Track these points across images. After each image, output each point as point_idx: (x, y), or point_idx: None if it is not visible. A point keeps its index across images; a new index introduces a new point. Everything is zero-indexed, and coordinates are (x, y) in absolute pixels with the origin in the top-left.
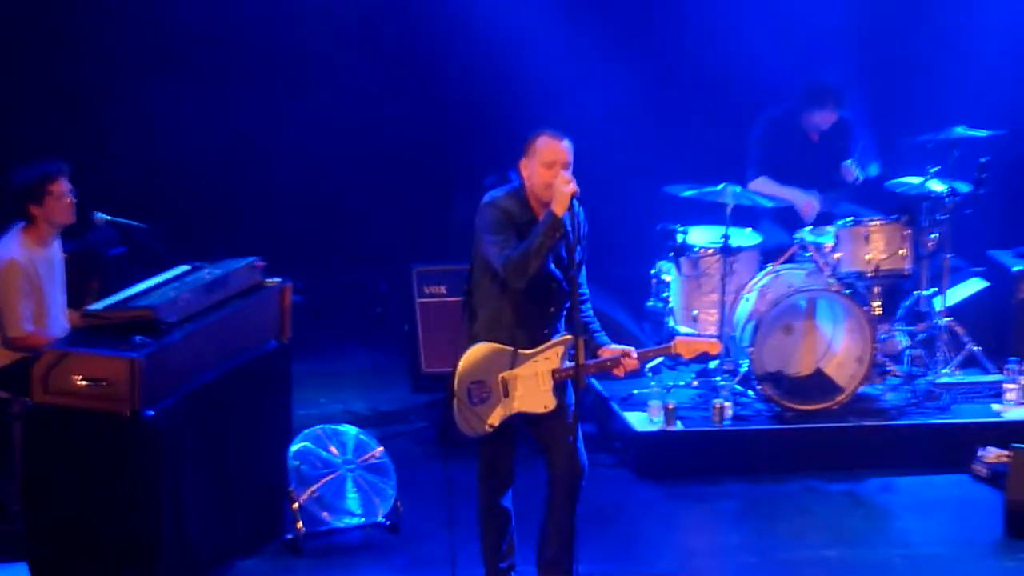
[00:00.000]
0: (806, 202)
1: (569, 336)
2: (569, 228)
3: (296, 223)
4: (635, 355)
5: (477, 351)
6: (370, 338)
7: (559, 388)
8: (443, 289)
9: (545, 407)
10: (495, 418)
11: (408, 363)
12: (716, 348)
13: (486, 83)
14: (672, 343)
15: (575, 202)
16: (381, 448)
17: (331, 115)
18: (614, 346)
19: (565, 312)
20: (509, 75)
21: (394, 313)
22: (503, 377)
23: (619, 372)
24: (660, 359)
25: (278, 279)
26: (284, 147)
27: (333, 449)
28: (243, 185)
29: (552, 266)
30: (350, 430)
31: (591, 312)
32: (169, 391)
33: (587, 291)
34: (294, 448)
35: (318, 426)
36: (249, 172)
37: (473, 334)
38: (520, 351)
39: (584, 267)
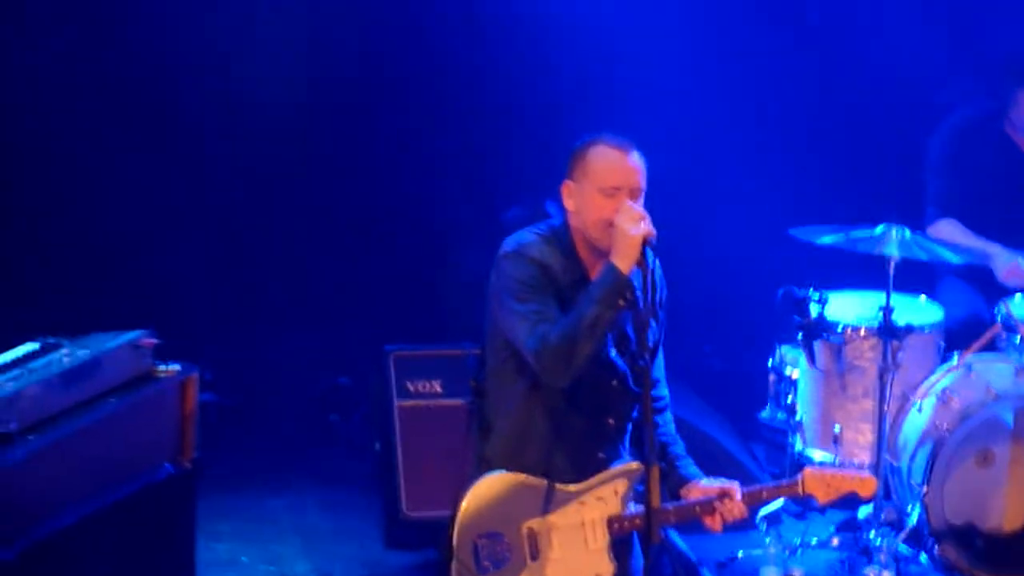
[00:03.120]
0: (1010, 266)
1: (637, 464)
2: (640, 293)
3: (208, 280)
4: (740, 496)
5: (490, 486)
6: (321, 461)
7: (620, 547)
8: (436, 386)
9: None
10: None
11: (381, 502)
12: (870, 487)
13: (508, 69)
14: (800, 478)
15: (650, 252)
16: None
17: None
18: (708, 481)
19: (631, 426)
20: (543, 60)
21: (359, 423)
22: (531, 528)
23: (715, 522)
24: (780, 503)
25: (177, 366)
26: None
27: None
28: (124, 222)
29: (612, 353)
30: None
31: (672, 427)
32: (3, 540)
33: (666, 393)
34: None
35: None
36: (135, 204)
37: (485, 458)
38: (559, 487)
39: (662, 355)
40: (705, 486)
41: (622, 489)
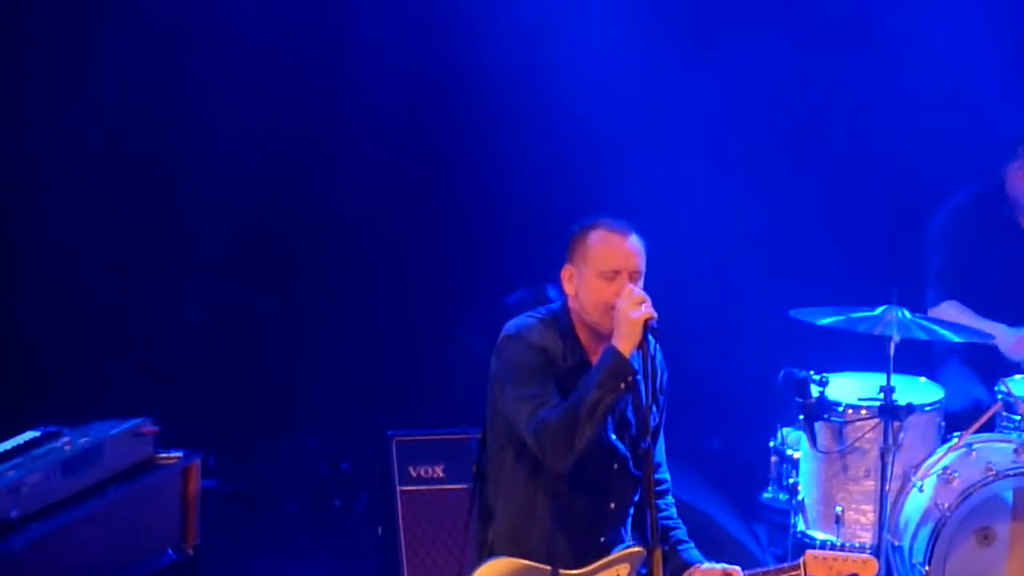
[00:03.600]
0: (1017, 338)
1: (640, 548)
2: (640, 377)
3: (209, 366)
4: None
5: (493, 571)
6: (325, 546)
7: None
8: (438, 470)
9: None
10: None
11: None
12: (871, 569)
13: (509, 151)
14: (802, 560)
15: (650, 336)
16: None
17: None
18: (710, 565)
19: (632, 509)
20: (544, 140)
21: (362, 508)
22: None
23: None
24: None
25: (179, 453)
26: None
27: None
28: (124, 308)
29: (613, 436)
30: None
31: (674, 510)
32: None
33: (668, 476)
34: None
35: None
36: (134, 289)
37: (486, 543)
38: (562, 572)
39: (663, 438)
40: (707, 570)
41: (624, 573)
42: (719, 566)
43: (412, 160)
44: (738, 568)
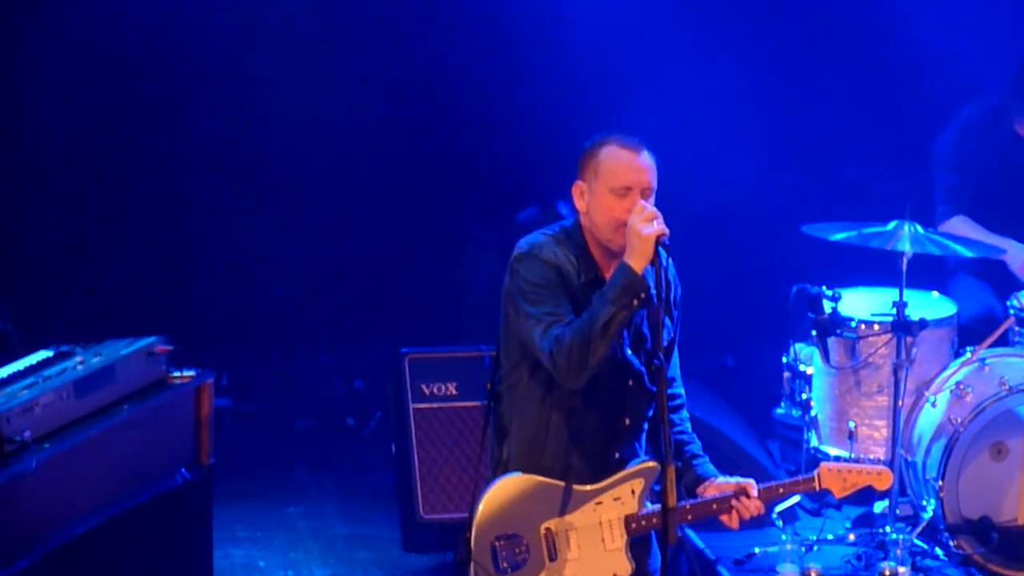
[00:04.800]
0: None
1: (653, 464)
2: (654, 291)
3: (223, 285)
4: (756, 492)
5: (507, 487)
6: (338, 464)
7: (638, 546)
8: (451, 388)
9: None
10: None
11: (397, 505)
12: (886, 481)
13: (518, 72)
14: (816, 473)
15: (663, 251)
16: None
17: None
18: (724, 479)
19: (647, 425)
20: (554, 60)
21: (375, 426)
22: (548, 528)
23: (733, 519)
24: (796, 499)
25: (192, 372)
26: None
27: None
28: (138, 227)
29: (628, 352)
30: None
31: (688, 425)
32: (20, 549)
33: (682, 391)
34: None
35: None
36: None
37: (501, 460)
38: (576, 487)
39: (677, 354)
40: (721, 484)
41: (639, 488)
42: (733, 480)
43: (423, 78)
44: (752, 481)
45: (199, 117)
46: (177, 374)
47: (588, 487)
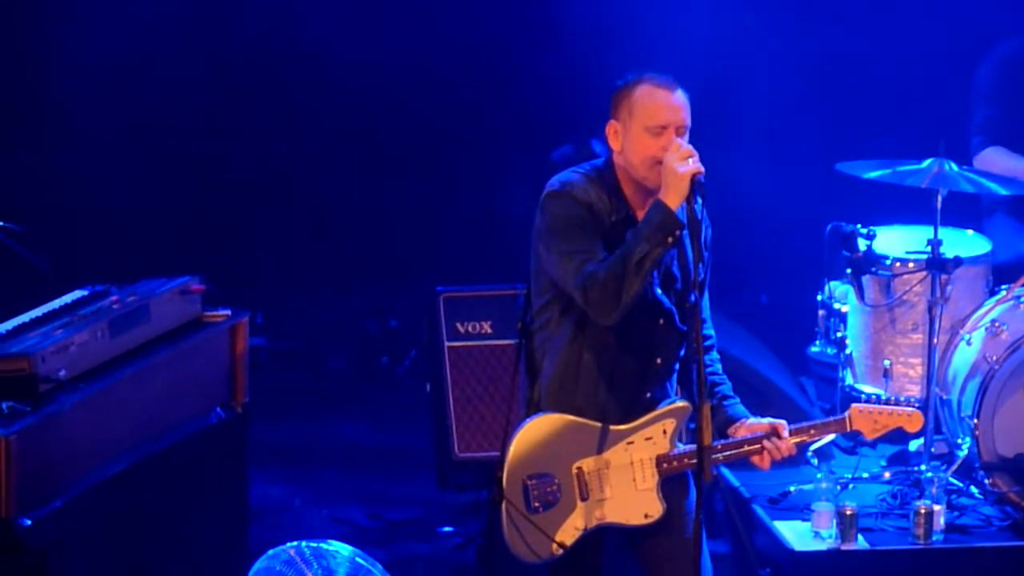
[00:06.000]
0: None
1: (685, 404)
2: (687, 231)
3: (257, 224)
4: (787, 433)
5: (540, 426)
6: (372, 403)
7: (671, 485)
8: (486, 327)
9: (647, 516)
10: (567, 534)
11: (432, 443)
12: (917, 422)
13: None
14: (847, 415)
15: (697, 191)
16: None
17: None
18: (756, 419)
19: (678, 365)
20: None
21: (410, 365)
22: (580, 468)
23: (764, 461)
24: (830, 439)
25: (227, 311)
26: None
27: None
28: (172, 172)
29: (659, 291)
30: (342, 550)
31: (719, 366)
32: (56, 488)
33: (713, 332)
34: None
35: (290, 543)
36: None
37: (534, 399)
38: (609, 427)
39: (708, 295)
40: (752, 424)
41: (670, 428)
42: (764, 420)
43: (458, 17)
44: (784, 422)
45: (235, 52)
46: (212, 313)
47: (620, 427)
